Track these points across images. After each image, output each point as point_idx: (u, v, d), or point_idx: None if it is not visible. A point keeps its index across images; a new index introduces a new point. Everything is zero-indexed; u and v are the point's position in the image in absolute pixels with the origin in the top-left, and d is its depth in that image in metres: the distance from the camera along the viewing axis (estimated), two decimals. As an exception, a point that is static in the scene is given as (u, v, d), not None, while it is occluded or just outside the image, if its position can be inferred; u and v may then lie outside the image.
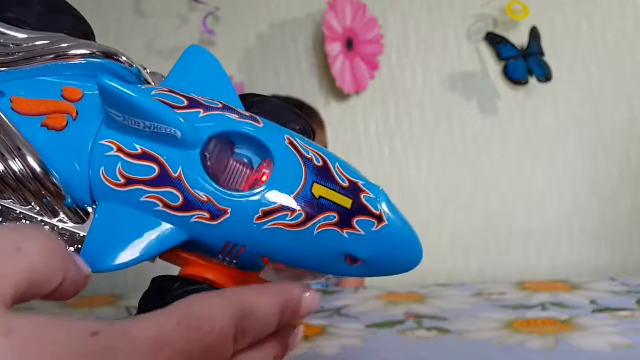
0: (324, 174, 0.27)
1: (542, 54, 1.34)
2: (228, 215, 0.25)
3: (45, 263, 0.18)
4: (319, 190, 0.26)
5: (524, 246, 1.37)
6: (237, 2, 1.36)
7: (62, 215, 0.26)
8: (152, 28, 1.36)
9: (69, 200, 0.26)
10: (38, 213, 0.26)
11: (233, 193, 0.25)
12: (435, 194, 1.38)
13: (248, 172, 0.27)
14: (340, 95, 1.35)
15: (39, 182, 0.26)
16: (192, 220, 0.25)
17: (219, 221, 0.25)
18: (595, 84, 1.38)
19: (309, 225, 0.26)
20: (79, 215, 0.26)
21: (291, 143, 0.27)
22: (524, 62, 1.33)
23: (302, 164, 0.26)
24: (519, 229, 1.37)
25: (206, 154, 0.26)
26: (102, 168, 0.26)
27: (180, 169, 0.25)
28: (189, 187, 0.25)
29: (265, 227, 0.25)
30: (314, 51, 1.37)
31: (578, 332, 0.49)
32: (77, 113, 0.27)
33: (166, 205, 0.25)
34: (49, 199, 0.26)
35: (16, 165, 0.25)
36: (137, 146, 0.26)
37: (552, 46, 1.35)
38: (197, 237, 0.26)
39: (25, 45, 0.28)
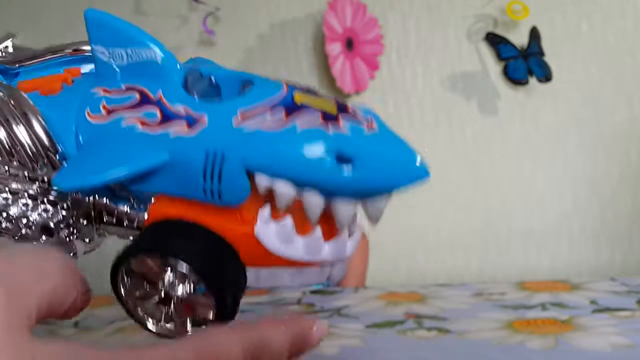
0: (307, 89, 0.27)
1: (542, 54, 1.34)
2: (205, 125, 0.25)
3: (64, 282, 0.18)
4: (300, 97, 0.26)
5: (524, 246, 1.37)
6: (237, 2, 1.36)
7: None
8: (152, 28, 1.35)
9: (60, 153, 0.27)
10: (29, 178, 0.27)
11: (210, 100, 0.26)
12: (435, 194, 1.37)
13: None
14: (340, 95, 1.35)
15: (39, 143, 0.27)
16: (171, 136, 0.25)
17: (197, 131, 0.25)
18: (595, 84, 1.38)
19: (291, 124, 0.24)
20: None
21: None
22: (524, 62, 1.33)
23: (283, 83, 0.27)
24: (519, 229, 1.37)
25: (186, 76, 0.27)
26: (88, 108, 0.27)
27: (159, 90, 0.26)
28: (166, 103, 0.26)
29: (245, 130, 0.24)
30: (314, 51, 1.37)
31: (578, 332, 0.49)
32: (73, 81, 0.29)
33: (145, 124, 0.25)
34: (44, 161, 0.27)
35: (20, 130, 0.27)
36: (122, 85, 0.27)
37: (552, 46, 1.35)
38: (178, 156, 0.25)
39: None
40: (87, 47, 0.30)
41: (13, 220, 0.27)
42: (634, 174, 1.38)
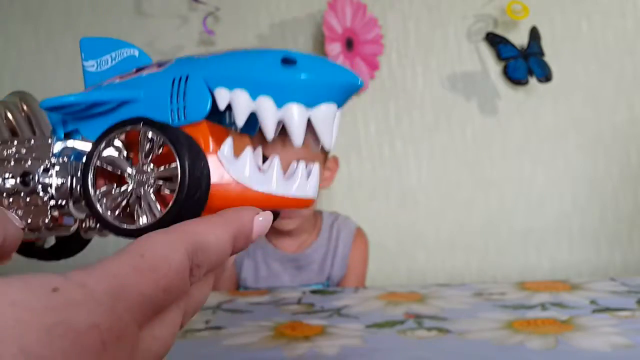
0: None
1: (542, 54, 1.34)
2: (173, 62, 0.29)
3: None
4: None
5: (524, 246, 1.37)
6: (237, 2, 1.36)
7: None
8: (152, 28, 1.36)
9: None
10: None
11: None
12: (435, 194, 1.38)
13: None
14: (340, 95, 1.35)
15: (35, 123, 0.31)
16: (143, 75, 0.29)
17: (165, 67, 0.29)
18: (595, 84, 1.38)
19: (243, 49, 0.28)
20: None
21: None
22: (524, 62, 1.33)
23: None
24: (519, 228, 1.37)
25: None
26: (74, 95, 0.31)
27: (134, 67, 0.31)
28: (142, 65, 0.31)
29: (205, 57, 0.28)
30: (314, 51, 1.37)
31: (578, 332, 0.50)
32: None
33: (122, 77, 0.31)
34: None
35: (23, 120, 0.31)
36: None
37: (552, 46, 1.35)
38: (148, 88, 0.28)
39: None
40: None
41: None
42: (634, 174, 1.38)
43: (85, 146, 0.30)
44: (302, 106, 0.27)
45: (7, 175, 0.29)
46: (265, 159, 0.31)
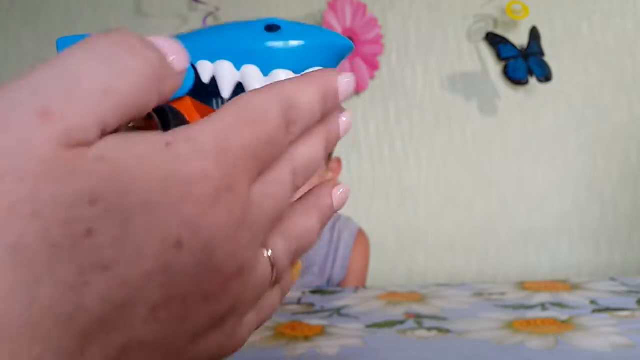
0: None
1: (542, 54, 1.34)
2: None
3: (139, 95, 0.18)
4: None
5: (524, 246, 1.37)
6: (237, 2, 1.36)
7: None
8: (152, 28, 1.36)
9: None
10: None
11: None
12: (435, 194, 1.38)
13: None
14: (340, 95, 1.35)
15: None
16: None
17: None
18: (595, 84, 1.38)
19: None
20: None
21: None
22: (524, 62, 1.33)
23: None
24: (519, 228, 1.37)
25: None
26: None
27: None
28: None
29: (187, 34, 0.27)
30: (314, 51, 1.37)
31: (578, 332, 0.50)
32: None
33: None
34: None
35: None
36: None
37: (552, 46, 1.35)
38: None
39: None
40: None
41: None
42: (634, 174, 1.38)
43: None
44: (290, 73, 0.26)
45: None
46: None
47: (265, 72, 0.26)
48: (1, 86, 0.17)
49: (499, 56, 1.35)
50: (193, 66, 0.26)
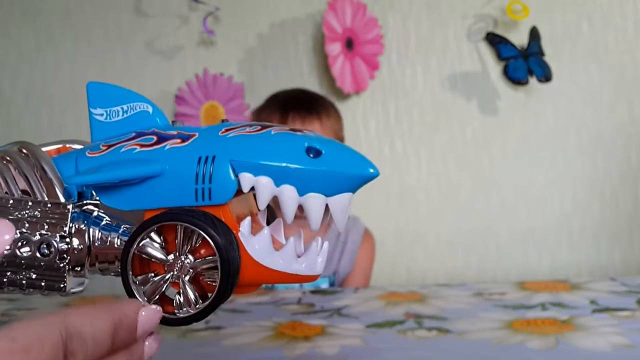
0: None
1: (542, 54, 1.34)
2: (196, 136, 0.29)
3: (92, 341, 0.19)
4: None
5: (524, 246, 1.37)
6: (237, 2, 1.36)
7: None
8: (152, 28, 1.36)
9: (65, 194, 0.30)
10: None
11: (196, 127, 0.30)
12: (435, 193, 1.38)
13: None
14: (340, 95, 1.35)
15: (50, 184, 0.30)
16: (166, 148, 0.29)
17: (189, 141, 0.29)
18: (595, 84, 1.38)
19: (266, 130, 0.29)
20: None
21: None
22: (524, 62, 1.33)
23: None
24: (519, 229, 1.37)
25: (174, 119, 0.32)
26: (88, 150, 0.30)
27: (153, 128, 0.30)
28: (161, 131, 0.30)
29: (230, 135, 0.29)
30: (314, 51, 1.37)
31: (578, 332, 0.50)
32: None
33: (143, 146, 0.29)
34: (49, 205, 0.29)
35: (35, 178, 0.30)
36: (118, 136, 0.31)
37: (552, 46, 1.35)
38: (173, 165, 0.28)
39: None
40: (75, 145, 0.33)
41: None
42: (634, 174, 1.38)
43: (101, 211, 0.30)
44: (322, 196, 0.29)
45: (22, 242, 0.29)
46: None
47: (302, 193, 0.28)
48: None
49: (499, 56, 1.35)
50: (237, 176, 0.28)
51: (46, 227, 0.29)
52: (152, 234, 0.28)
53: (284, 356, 0.47)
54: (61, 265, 0.29)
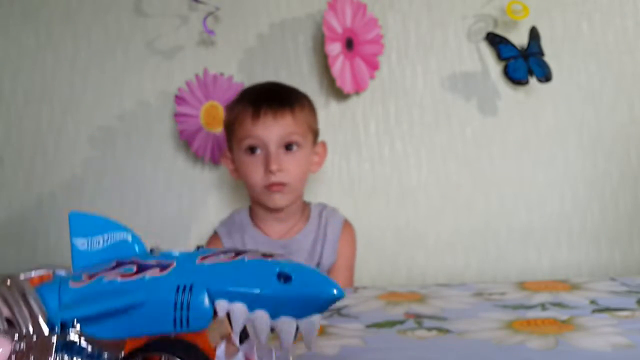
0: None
1: (542, 54, 1.33)
2: (174, 265, 0.31)
3: None
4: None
5: (523, 246, 1.37)
6: (237, 2, 1.36)
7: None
8: (152, 28, 1.36)
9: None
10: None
11: (174, 252, 0.33)
12: (435, 193, 1.37)
13: None
14: (340, 95, 1.35)
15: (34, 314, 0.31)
16: (146, 279, 0.31)
17: (168, 271, 0.31)
18: (595, 84, 1.38)
19: (240, 258, 0.32)
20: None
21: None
22: (524, 62, 1.33)
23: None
24: (518, 229, 1.37)
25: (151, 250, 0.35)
26: (70, 280, 0.32)
27: (132, 256, 0.33)
28: (140, 260, 0.32)
29: (206, 264, 0.31)
30: (314, 51, 1.37)
31: (578, 332, 0.50)
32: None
33: (124, 276, 0.31)
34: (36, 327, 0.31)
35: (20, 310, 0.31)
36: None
37: (552, 46, 1.35)
38: (153, 295, 0.30)
39: None
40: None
41: None
42: (634, 174, 1.38)
43: (83, 340, 0.31)
44: (293, 320, 0.31)
45: None
46: None
47: (274, 316, 0.30)
48: None
49: (499, 56, 1.34)
50: (213, 302, 0.30)
51: (32, 359, 0.30)
52: None
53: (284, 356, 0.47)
54: None
